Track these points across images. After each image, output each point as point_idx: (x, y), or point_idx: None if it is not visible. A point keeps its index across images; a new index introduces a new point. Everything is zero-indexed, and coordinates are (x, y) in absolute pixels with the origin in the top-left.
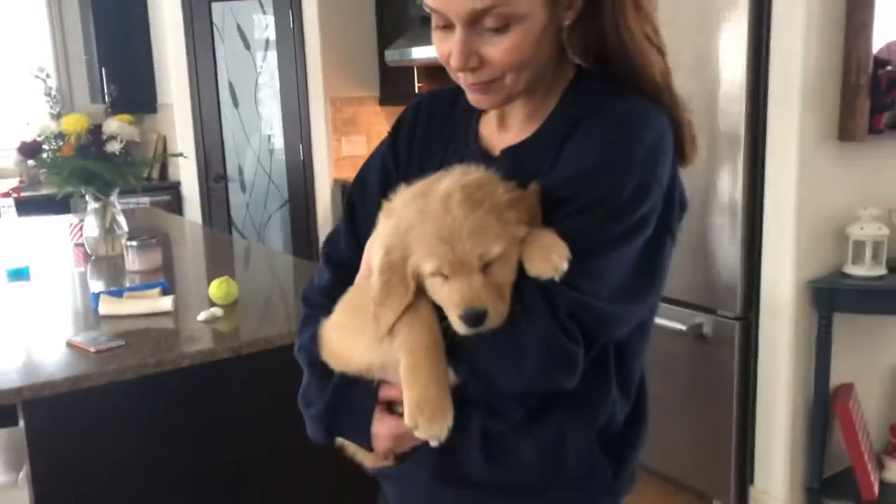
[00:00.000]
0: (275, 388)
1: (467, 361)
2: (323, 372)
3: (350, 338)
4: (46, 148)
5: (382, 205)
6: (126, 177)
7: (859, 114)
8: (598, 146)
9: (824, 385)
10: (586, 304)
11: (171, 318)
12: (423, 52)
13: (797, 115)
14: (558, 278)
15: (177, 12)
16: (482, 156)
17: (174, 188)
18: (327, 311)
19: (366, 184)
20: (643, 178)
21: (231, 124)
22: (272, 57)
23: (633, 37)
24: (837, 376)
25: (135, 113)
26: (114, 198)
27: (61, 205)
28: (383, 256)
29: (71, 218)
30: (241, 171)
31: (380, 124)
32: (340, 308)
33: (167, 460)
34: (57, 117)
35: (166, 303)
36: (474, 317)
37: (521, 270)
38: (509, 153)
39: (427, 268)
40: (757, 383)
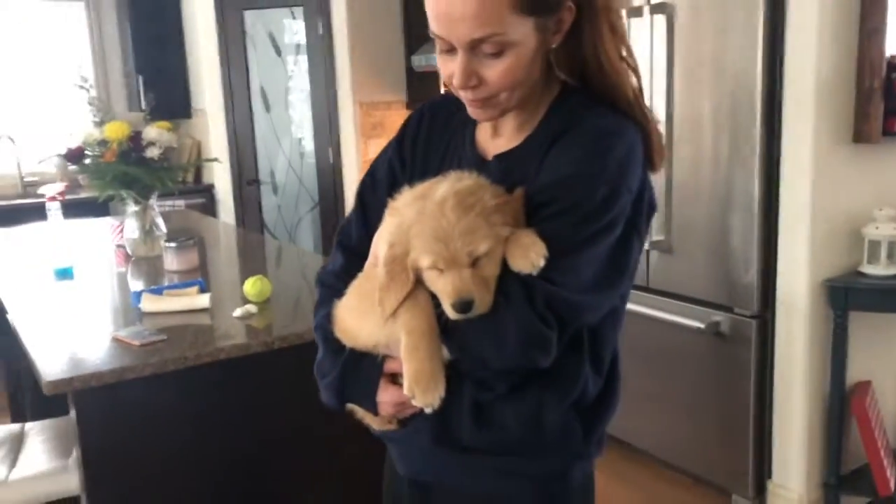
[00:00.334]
0: (305, 381)
1: (458, 341)
2: (335, 346)
3: (359, 319)
4: (89, 154)
5: (388, 203)
6: (164, 180)
7: (873, 116)
8: (575, 157)
9: (840, 382)
10: (560, 295)
11: (208, 315)
12: None
13: (812, 117)
14: (536, 273)
15: (210, 21)
16: (477, 159)
17: (208, 191)
18: (340, 293)
19: (375, 179)
20: (613, 186)
21: (263, 129)
22: (302, 62)
23: (609, 57)
24: (854, 374)
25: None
26: (153, 201)
27: (101, 208)
28: (388, 250)
29: (112, 220)
30: (272, 174)
31: None
32: (351, 292)
33: (205, 446)
34: (99, 125)
35: (204, 300)
36: (464, 305)
37: (505, 265)
38: (501, 159)
39: (424, 262)
40: (774, 381)
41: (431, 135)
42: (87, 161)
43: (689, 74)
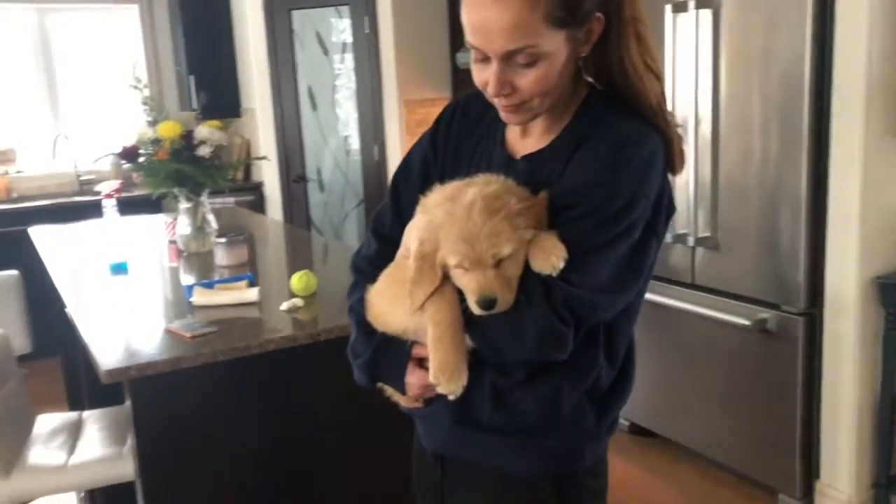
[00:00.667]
0: (348, 371)
1: (481, 335)
2: (368, 329)
3: (389, 306)
4: (143, 152)
5: (420, 199)
6: (215, 178)
7: None
8: (597, 164)
9: (891, 381)
10: (578, 295)
11: (256, 308)
12: None
13: (862, 110)
14: (556, 274)
15: (259, 21)
16: (506, 158)
17: (257, 188)
18: (372, 278)
19: (409, 170)
20: (632, 193)
21: (310, 127)
22: (349, 61)
23: (634, 65)
24: None
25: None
26: (204, 198)
27: (153, 204)
28: (418, 247)
29: (164, 217)
30: (319, 171)
31: None
32: (382, 279)
33: (253, 433)
34: (152, 124)
35: (252, 294)
36: (487, 302)
37: (527, 265)
38: (528, 159)
39: (452, 261)
40: (822, 379)
41: (463, 129)
42: (141, 159)
43: (736, 69)
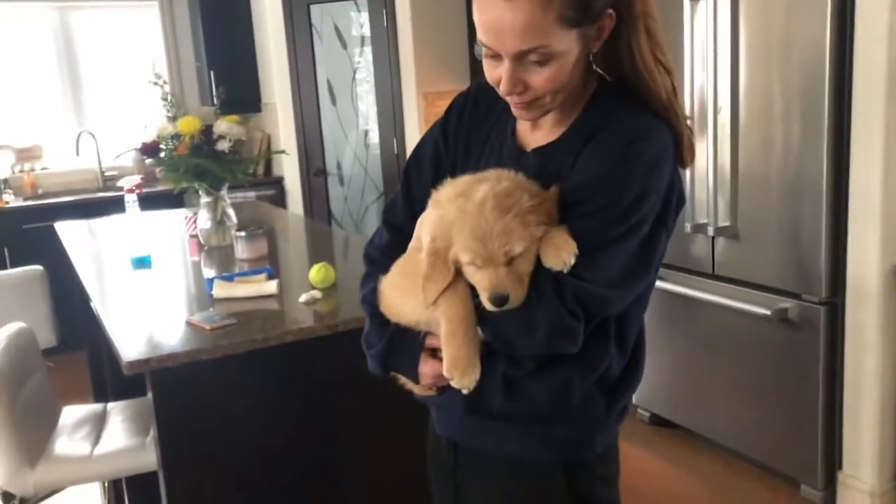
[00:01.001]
0: (366, 362)
1: (493, 330)
2: (381, 320)
3: (402, 298)
4: (164, 148)
5: (431, 193)
6: (235, 173)
7: None
8: (607, 159)
9: None
10: (588, 290)
11: (275, 300)
12: None
13: (883, 97)
14: (566, 270)
15: (278, 16)
16: (516, 151)
17: (278, 183)
18: (385, 268)
19: (420, 160)
20: (642, 188)
21: (330, 121)
22: (367, 54)
23: (644, 59)
24: None
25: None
26: (224, 192)
27: (176, 200)
28: (430, 243)
29: (185, 212)
30: (339, 165)
31: None
32: (395, 271)
33: (272, 424)
34: (173, 120)
35: (272, 286)
36: (499, 299)
37: (538, 262)
38: (538, 153)
39: (464, 258)
40: (844, 368)
41: (475, 119)
42: (162, 155)
43: (755, 57)
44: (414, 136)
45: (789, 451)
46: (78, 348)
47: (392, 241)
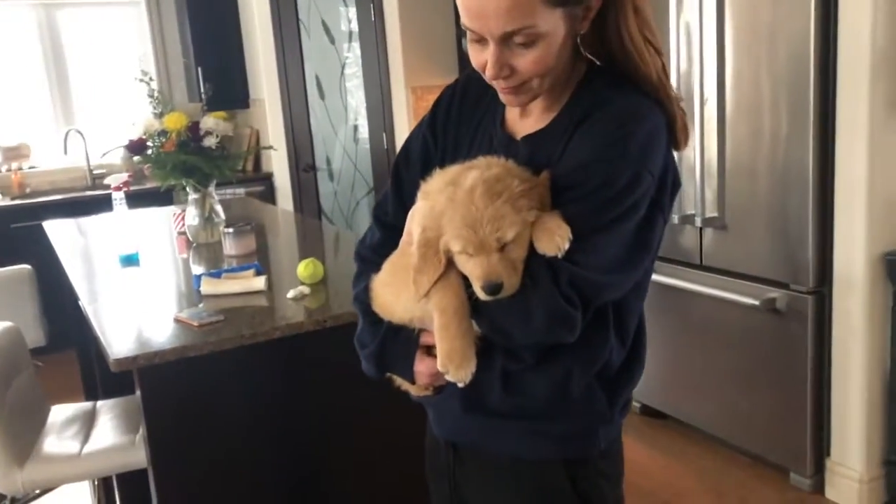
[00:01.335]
0: (356, 358)
1: (488, 320)
2: (374, 319)
3: (394, 294)
4: (151, 145)
5: (420, 185)
6: (222, 169)
7: None
8: (599, 141)
9: None
10: (584, 275)
11: (264, 297)
12: None
13: (867, 86)
14: (561, 255)
15: (265, 11)
16: (506, 139)
17: (267, 179)
18: (377, 266)
19: (409, 155)
20: (636, 169)
21: (318, 116)
22: (356, 49)
23: (633, 39)
24: None
25: (229, 109)
26: (211, 189)
27: (164, 197)
28: (420, 234)
29: (174, 209)
30: (328, 160)
31: None
32: (386, 267)
33: (262, 420)
34: (159, 116)
35: (259, 282)
36: (492, 287)
37: (531, 248)
38: (528, 140)
39: (455, 247)
40: (832, 357)
41: (463, 111)
42: (149, 152)
43: (741, 47)
44: (403, 130)
45: (778, 439)
46: (68, 347)
47: (383, 240)
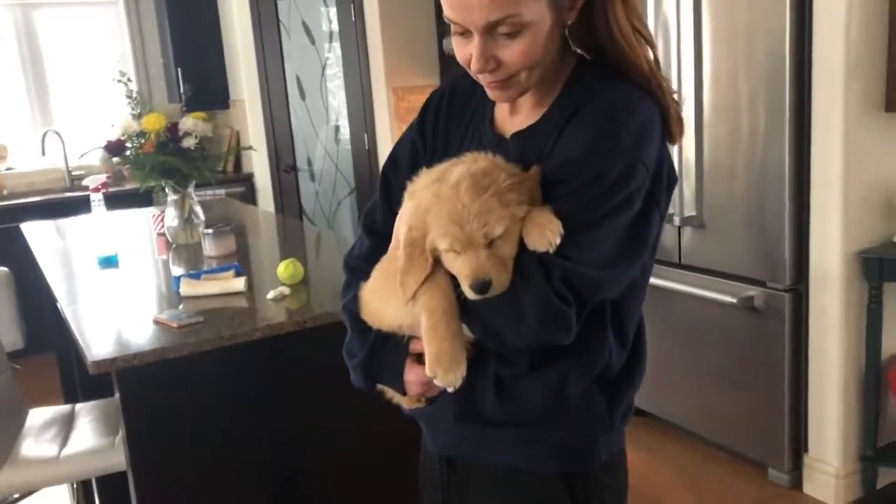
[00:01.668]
0: (337, 357)
1: (478, 321)
2: (363, 328)
3: (383, 301)
4: (129, 146)
5: (406, 186)
6: (201, 170)
7: None
8: (590, 134)
9: (876, 355)
10: (577, 271)
11: (244, 298)
12: None
13: (841, 85)
14: (553, 251)
15: (245, 11)
16: (496, 138)
17: (248, 180)
18: (366, 275)
19: (398, 161)
20: (629, 161)
21: (300, 116)
22: (336, 49)
23: (622, 30)
24: (890, 346)
25: (209, 110)
26: (191, 190)
27: (144, 198)
28: (406, 233)
29: (153, 210)
30: (309, 161)
31: None
32: (375, 274)
33: (243, 422)
34: (138, 117)
35: (239, 283)
36: (481, 285)
37: (522, 244)
38: (518, 137)
39: (442, 244)
40: (808, 354)
41: (451, 114)
42: (128, 153)
43: (718, 45)
44: (384, 130)
45: (757, 435)
46: (46, 350)
47: (373, 248)
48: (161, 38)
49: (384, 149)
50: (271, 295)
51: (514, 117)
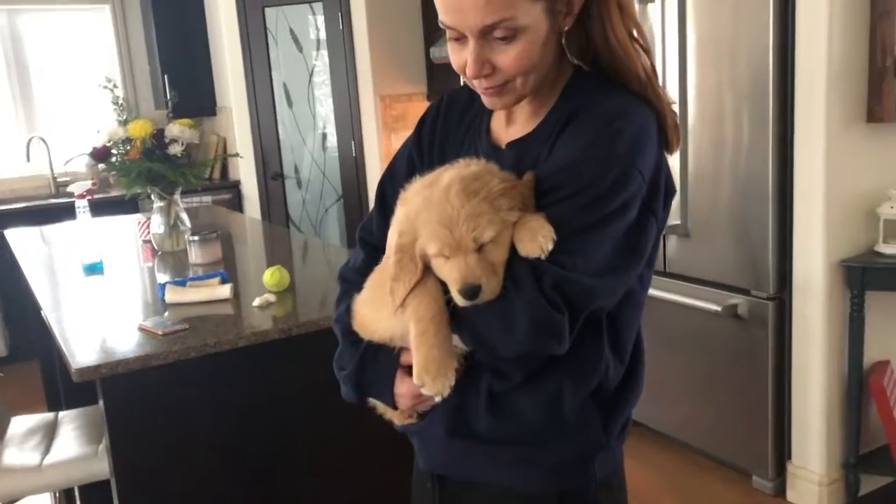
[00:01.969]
0: (322, 365)
1: (468, 329)
2: (354, 339)
3: (375, 311)
4: (115, 153)
5: (400, 194)
6: (187, 176)
7: (886, 96)
8: (585, 140)
9: (858, 362)
10: (569, 278)
11: (229, 305)
12: None
13: (823, 98)
14: (545, 257)
15: (232, 19)
16: (492, 148)
17: (235, 187)
18: (360, 287)
19: (395, 174)
20: (624, 168)
21: (287, 124)
22: (324, 57)
23: (618, 37)
24: (872, 354)
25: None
26: (177, 196)
27: (130, 205)
28: (397, 239)
29: (139, 217)
30: (296, 168)
31: None
32: (368, 284)
33: (227, 430)
34: (124, 124)
35: (225, 291)
36: (470, 290)
37: (514, 251)
38: (513, 146)
39: (431, 249)
40: (792, 362)
41: (448, 126)
42: (114, 159)
43: (702, 59)
44: (372, 139)
45: (741, 443)
46: (30, 358)
47: (368, 261)
48: (148, 45)
49: (371, 156)
50: (257, 302)
51: (509, 127)
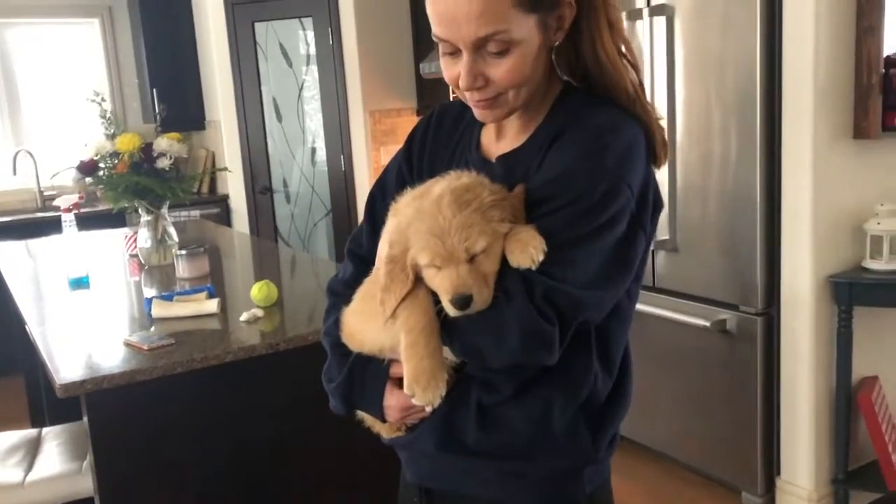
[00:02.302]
0: (310, 381)
1: (459, 339)
2: (343, 351)
3: (365, 323)
4: (103, 166)
5: (391, 206)
6: (175, 191)
7: (872, 112)
8: (575, 153)
9: (846, 378)
10: (559, 289)
11: (216, 320)
12: None
13: (811, 115)
14: (535, 268)
15: (222, 33)
16: (482, 162)
17: (223, 201)
18: (349, 300)
19: (385, 187)
20: (613, 181)
21: (276, 138)
22: (313, 72)
23: (607, 52)
24: (860, 369)
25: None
26: (164, 211)
27: (117, 219)
28: (388, 250)
29: (126, 231)
30: (285, 183)
31: None
32: (357, 296)
33: (214, 446)
34: (112, 137)
35: (212, 305)
36: (462, 300)
37: (505, 262)
38: (503, 160)
39: (422, 259)
40: (780, 377)
41: (439, 139)
42: (101, 173)
43: (690, 75)
44: (361, 153)
45: (730, 458)
46: (14, 373)
47: (357, 273)
48: (136, 58)
49: (360, 171)
50: (244, 317)
51: (499, 141)
